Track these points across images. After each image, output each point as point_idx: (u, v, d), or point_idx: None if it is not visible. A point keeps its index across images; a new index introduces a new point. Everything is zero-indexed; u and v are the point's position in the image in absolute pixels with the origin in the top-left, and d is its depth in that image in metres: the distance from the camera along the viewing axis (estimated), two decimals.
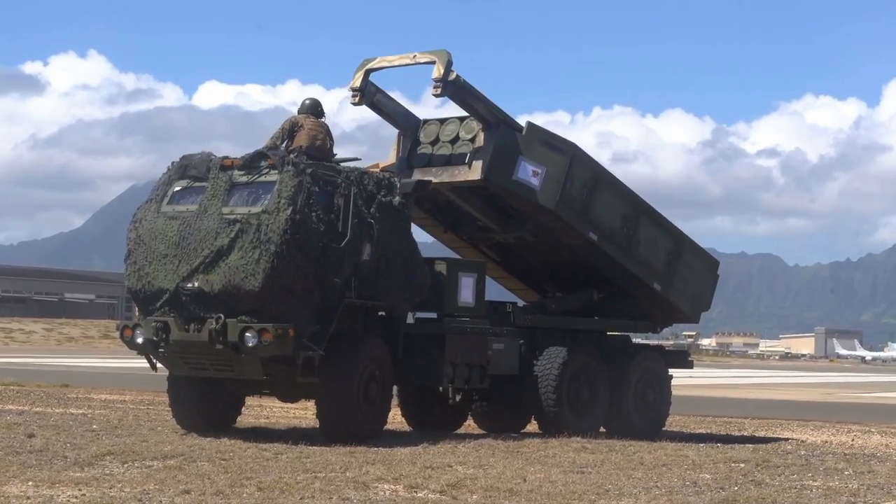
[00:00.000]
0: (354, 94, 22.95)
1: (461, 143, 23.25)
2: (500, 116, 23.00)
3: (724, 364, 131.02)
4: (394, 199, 21.20)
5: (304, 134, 21.25)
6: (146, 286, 20.29)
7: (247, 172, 20.32)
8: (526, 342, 23.45)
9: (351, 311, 20.68)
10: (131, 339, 20.72)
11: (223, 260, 19.61)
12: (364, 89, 22.95)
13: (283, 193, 19.68)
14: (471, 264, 23.11)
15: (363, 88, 22.94)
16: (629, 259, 24.37)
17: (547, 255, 25.07)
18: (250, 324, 19.52)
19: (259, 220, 19.57)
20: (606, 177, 24.34)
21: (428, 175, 23.13)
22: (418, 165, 23.47)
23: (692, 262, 25.63)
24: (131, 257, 20.56)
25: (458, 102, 22.79)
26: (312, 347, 19.85)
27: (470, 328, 22.71)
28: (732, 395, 47.76)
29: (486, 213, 24.13)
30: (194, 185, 20.60)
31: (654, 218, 24.97)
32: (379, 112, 23.65)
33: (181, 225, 20.13)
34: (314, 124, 21.47)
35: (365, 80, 22.96)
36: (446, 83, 22.21)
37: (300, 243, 19.58)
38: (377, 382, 20.79)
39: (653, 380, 24.73)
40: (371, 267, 20.74)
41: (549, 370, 22.93)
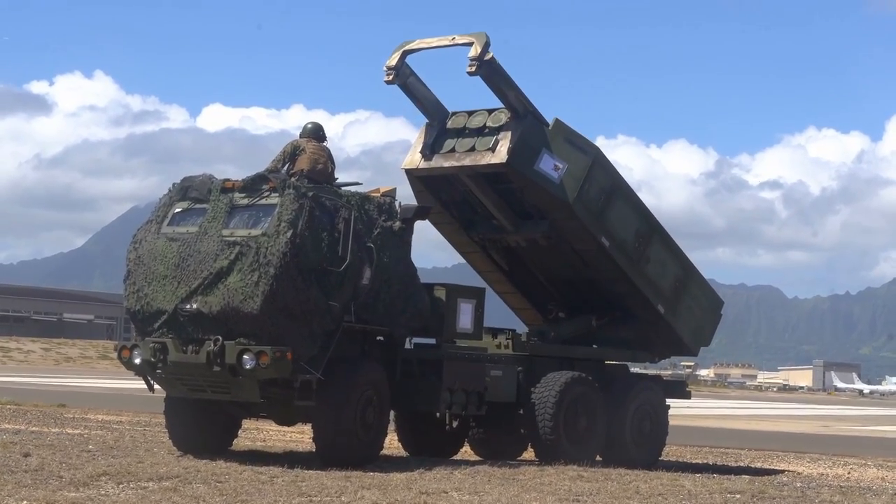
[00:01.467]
0: (389, 72, 23.03)
1: (488, 132, 23.35)
2: (528, 108, 23.23)
3: (722, 395, 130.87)
4: (394, 224, 21.22)
5: (306, 157, 21.29)
6: (145, 307, 20.29)
7: (248, 195, 20.33)
8: (524, 369, 23.43)
9: (349, 335, 20.67)
10: (129, 359, 20.70)
11: (222, 282, 19.61)
12: (399, 69, 23.06)
13: (284, 217, 19.69)
14: (470, 291, 23.10)
15: (398, 68, 23.04)
16: (637, 274, 24.36)
17: (555, 266, 25.05)
18: (248, 346, 19.50)
19: (259, 243, 19.57)
20: (625, 188, 24.43)
21: (451, 160, 23.38)
22: (442, 151, 23.64)
23: (698, 296, 25.65)
24: (130, 278, 20.56)
25: (490, 85, 22.90)
26: (310, 371, 19.83)
27: (468, 354, 22.71)
28: (729, 425, 47.72)
29: (501, 209, 24.12)
30: (195, 206, 20.61)
31: (666, 241, 25.01)
32: (410, 95, 23.69)
33: (181, 246, 20.14)
34: (316, 148, 21.50)
35: (401, 60, 23.09)
36: (482, 62, 22.38)
37: (300, 266, 19.58)
38: (374, 407, 20.77)
39: (650, 409, 24.70)
40: (370, 291, 20.74)
41: (547, 398, 22.90)
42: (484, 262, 25.30)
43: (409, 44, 23.19)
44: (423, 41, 23.26)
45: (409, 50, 23.13)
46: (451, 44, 23.00)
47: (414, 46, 23.16)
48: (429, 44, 23.19)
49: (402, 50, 23.10)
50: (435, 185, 24.15)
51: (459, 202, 24.45)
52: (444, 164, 23.54)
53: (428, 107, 23.88)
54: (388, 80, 23.06)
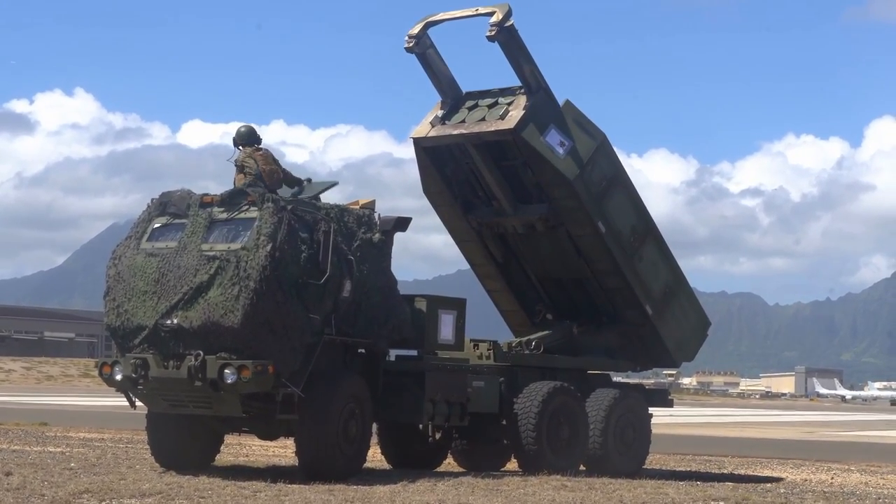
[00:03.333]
0: (409, 40, 23.47)
1: (499, 107, 23.74)
2: (542, 83, 23.61)
3: (705, 403, 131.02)
4: (374, 236, 21.20)
5: (257, 167, 21.19)
6: (125, 323, 20.22)
7: (227, 209, 20.30)
8: (506, 380, 23.42)
9: (331, 348, 20.63)
10: (110, 375, 20.63)
11: (202, 296, 19.56)
12: (420, 38, 23.51)
13: (263, 230, 19.65)
14: (451, 301, 23.07)
15: (419, 37, 23.50)
16: (630, 268, 24.43)
17: (548, 259, 25.14)
18: (229, 360, 19.45)
19: (239, 257, 19.52)
20: (626, 181, 24.60)
21: (459, 129, 23.71)
22: (452, 122, 23.98)
23: (686, 309, 25.69)
24: (110, 294, 20.50)
25: (507, 54, 23.32)
26: (292, 385, 19.79)
27: (450, 365, 22.69)
28: (713, 433, 47.76)
29: (502, 188, 24.29)
30: (174, 221, 20.57)
31: (660, 245, 25.11)
32: (426, 67, 24.07)
33: (160, 262, 20.09)
34: (260, 156, 21.37)
35: (423, 30, 23.55)
36: (502, 28, 22.82)
37: (280, 280, 19.54)
38: (357, 420, 20.72)
39: (633, 418, 24.68)
40: (351, 304, 20.70)
41: (529, 408, 22.88)
42: (479, 252, 25.38)
43: (433, 16, 23.70)
44: (447, 13, 23.76)
45: (433, 21, 23.69)
46: (475, 14, 23.42)
47: (437, 18, 23.70)
48: (452, 15, 23.69)
49: (426, 21, 23.59)
50: (440, 159, 24.42)
51: (462, 182, 24.66)
52: (452, 133, 23.89)
53: (443, 82, 24.26)
54: (408, 48, 23.52)
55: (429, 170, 24.42)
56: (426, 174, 24.51)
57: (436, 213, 25.20)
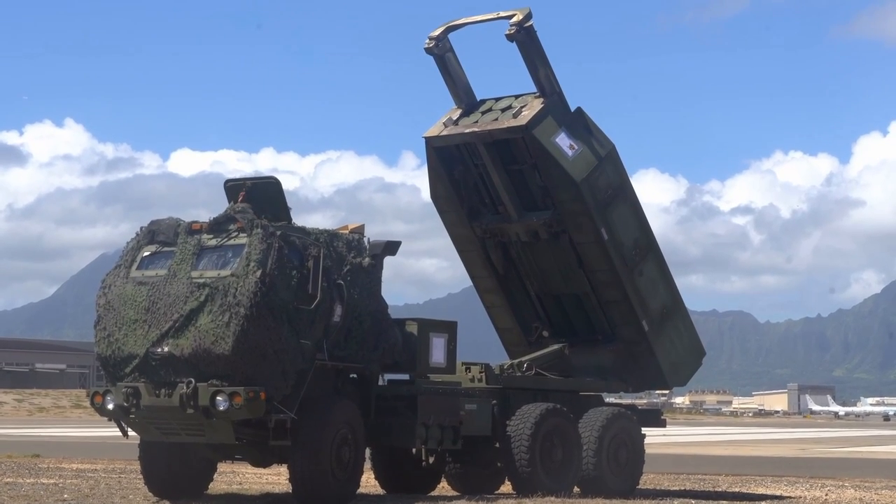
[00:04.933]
0: (430, 41, 23.89)
1: (512, 109, 24.06)
2: (556, 88, 23.99)
3: (698, 422, 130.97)
4: (364, 261, 21.18)
5: None
6: (116, 352, 20.17)
7: (215, 236, 20.28)
8: (498, 402, 23.38)
9: (322, 373, 20.61)
10: (102, 405, 20.58)
11: (193, 324, 19.53)
12: (440, 40, 23.90)
13: (253, 256, 19.63)
14: (442, 325, 23.05)
15: (439, 39, 23.91)
16: (629, 281, 24.50)
17: (548, 270, 25.20)
18: (221, 387, 19.41)
19: (228, 284, 19.50)
20: (631, 194, 24.78)
21: (472, 128, 24.00)
22: (465, 122, 24.24)
23: (682, 332, 25.72)
24: (101, 323, 20.46)
25: (525, 56, 23.74)
26: (284, 411, 19.75)
27: (442, 389, 22.66)
28: (706, 452, 47.73)
29: (509, 192, 24.44)
30: (163, 249, 20.54)
31: (660, 264, 25.20)
32: (444, 71, 24.43)
33: (150, 290, 20.06)
34: None
35: (444, 33, 23.98)
36: (521, 27, 23.31)
37: (270, 306, 19.52)
38: (350, 445, 20.68)
39: (626, 438, 24.63)
40: (342, 329, 20.69)
41: (522, 430, 22.84)
42: (480, 263, 25.44)
43: (455, 20, 24.08)
44: (469, 17, 24.16)
45: (454, 25, 24.12)
46: (496, 17, 23.80)
47: (459, 22, 24.11)
48: (473, 19, 24.09)
49: (447, 25, 24.00)
50: (450, 160, 24.60)
51: (470, 186, 24.82)
52: (464, 131, 24.12)
53: (459, 87, 24.58)
54: (428, 48, 23.93)
55: (438, 172, 24.61)
56: (435, 176, 24.69)
57: (441, 219, 25.34)
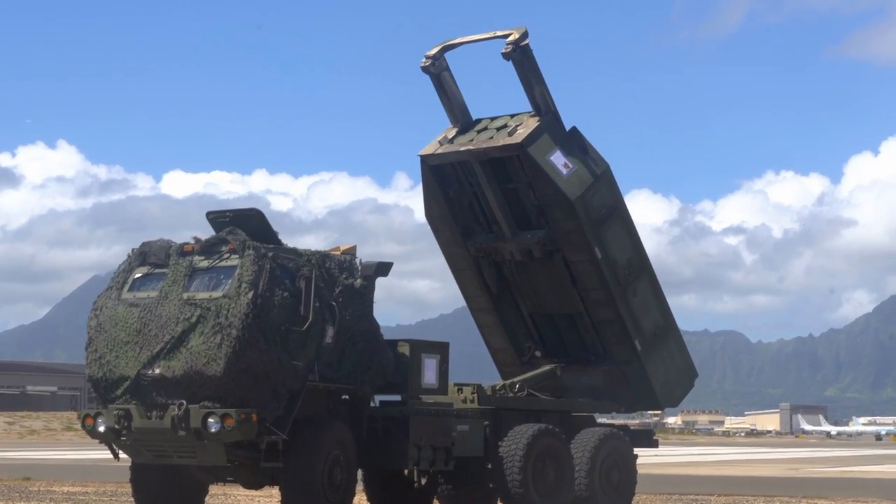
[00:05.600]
0: (426, 60, 24.01)
1: (508, 128, 24.10)
2: (551, 107, 24.06)
3: (690, 442, 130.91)
4: (355, 282, 21.18)
5: None
6: (107, 374, 20.12)
7: (207, 257, 20.27)
8: (491, 423, 23.36)
9: (314, 394, 20.58)
10: (93, 427, 20.52)
11: (185, 345, 19.51)
12: (436, 59, 24.02)
13: (244, 277, 19.62)
14: (434, 346, 23.04)
15: (436, 58, 24.02)
16: (623, 300, 24.54)
17: (541, 289, 25.20)
18: (213, 409, 19.38)
19: (220, 305, 19.49)
20: (625, 214, 24.84)
21: (467, 146, 24.03)
22: (460, 140, 24.30)
23: (675, 353, 25.74)
24: (92, 345, 20.42)
25: (520, 74, 23.82)
26: (276, 432, 19.72)
27: (434, 410, 22.63)
28: (699, 472, 47.71)
29: (503, 210, 24.49)
30: (155, 271, 20.52)
31: (654, 285, 25.25)
32: (440, 90, 24.52)
33: (142, 311, 20.04)
34: None
35: (440, 52, 24.09)
36: (517, 46, 23.40)
37: (262, 327, 19.50)
38: (341, 467, 20.64)
39: (618, 459, 24.62)
40: (334, 350, 20.66)
41: (515, 451, 22.82)
42: (473, 282, 25.46)
43: (451, 40, 24.20)
44: (465, 37, 24.26)
45: (451, 45, 24.23)
46: (493, 36, 23.91)
47: (455, 41, 24.21)
48: (470, 39, 24.20)
49: (444, 44, 24.10)
50: (445, 179, 24.66)
51: (465, 206, 24.88)
52: (459, 149, 24.19)
53: (455, 106, 24.68)
54: (424, 66, 24.04)
55: (433, 190, 24.65)
56: (430, 195, 24.74)
57: (435, 238, 25.37)
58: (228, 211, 21.27)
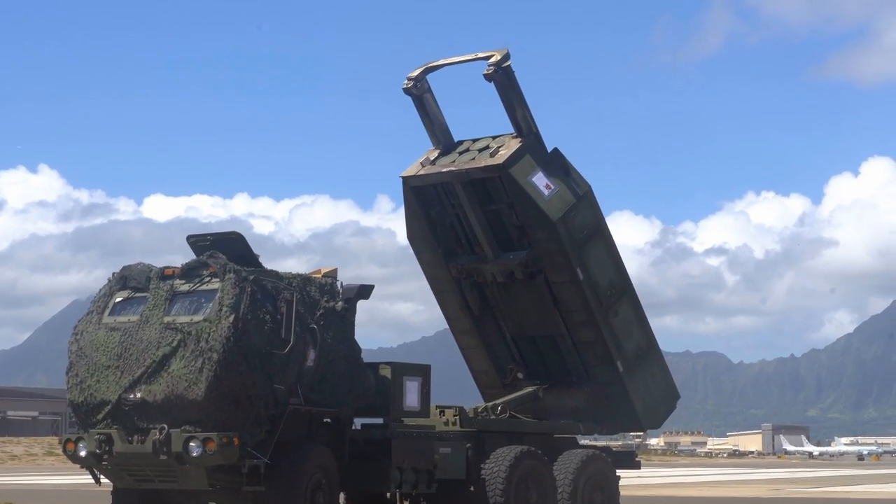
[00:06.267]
0: (408, 81, 24.02)
1: (489, 149, 24.11)
2: (533, 128, 24.07)
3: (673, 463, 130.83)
4: (336, 305, 21.17)
5: None
6: (88, 398, 20.10)
7: (188, 281, 20.26)
8: (473, 445, 23.35)
9: (296, 417, 20.55)
10: (74, 452, 20.49)
11: (166, 369, 19.49)
12: (418, 80, 24.04)
13: (225, 301, 19.62)
14: (415, 368, 23.04)
15: (418, 79, 24.04)
16: (604, 321, 24.56)
17: (523, 311, 25.21)
18: (194, 433, 19.35)
19: (201, 329, 19.47)
20: (607, 235, 24.88)
21: (449, 167, 24.02)
22: (442, 161, 24.33)
23: (657, 374, 25.78)
24: (73, 370, 20.39)
25: (502, 95, 23.83)
26: (258, 456, 19.69)
27: (416, 433, 22.62)
28: (681, 493, 47.68)
29: (485, 231, 24.50)
30: (135, 295, 20.52)
31: (636, 306, 25.29)
32: (422, 111, 24.56)
33: (122, 336, 20.02)
34: None
35: (423, 74, 24.12)
36: (499, 67, 23.39)
37: (243, 351, 19.49)
38: (324, 490, 20.63)
39: (601, 480, 24.62)
40: (315, 373, 20.65)
41: (497, 473, 22.81)
42: (455, 304, 25.46)
43: (434, 62, 24.21)
44: (447, 59, 24.30)
45: (433, 67, 24.27)
46: (474, 58, 23.93)
47: (437, 63, 24.23)
48: (452, 60, 24.23)
49: (426, 66, 24.12)
50: (427, 201, 24.66)
51: (447, 227, 24.88)
52: (441, 171, 24.19)
53: (437, 127, 24.71)
54: (406, 88, 24.05)
55: (415, 212, 24.66)
56: (412, 216, 24.74)
57: (417, 259, 25.36)
58: (209, 234, 21.25)
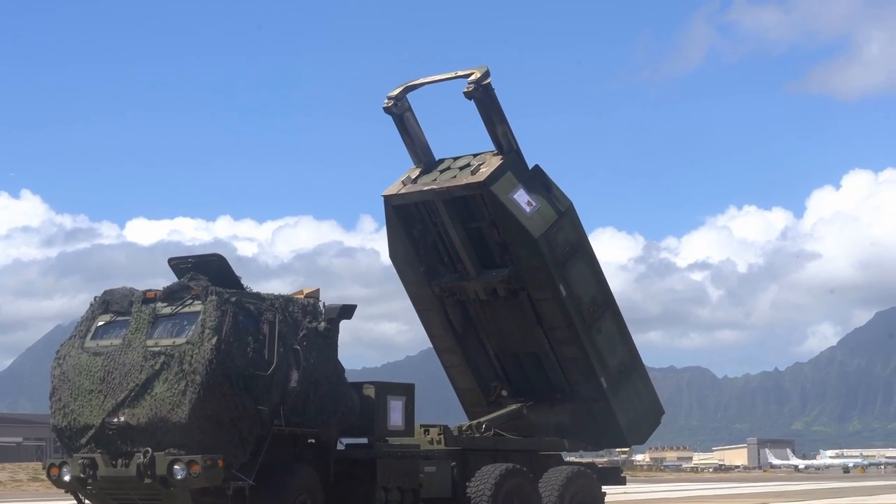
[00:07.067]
0: (388, 100, 24.02)
1: (470, 167, 24.14)
2: (514, 145, 24.10)
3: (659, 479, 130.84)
4: (319, 325, 21.15)
5: None
6: (72, 423, 20.06)
7: (170, 304, 20.25)
8: (458, 464, 23.35)
9: (280, 439, 20.52)
10: (58, 477, 20.45)
11: (149, 392, 19.46)
12: (398, 99, 24.05)
13: (208, 323, 19.59)
14: (399, 387, 23.03)
15: (398, 98, 24.05)
16: (588, 338, 24.58)
17: (506, 328, 25.23)
18: (178, 456, 19.32)
19: (184, 351, 19.45)
20: (589, 252, 24.89)
21: (430, 185, 24.05)
22: (424, 180, 24.37)
23: (641, 390, 25.81)
24: (56, 394, 20.36)
25: (482, 113, 23.84)
26: (242, 478, 19.66)
27: (401, 452, 22.60)
28: None
29: (467, 249, 24.53)
30: (117, 319, 20.50)
31: (619, 322, 25.31)
32: (402, 130, 24.55)
33: (105, 360, 19.99)
34: None
35: (403, 93, 24.12)
36: (479, 85, 23.38)
37: (226, 373, 19.46)
38: None
39: (586, 497, 24.64)
40: (299, 394, 20.62)
41: (482, 491, 22.81)
42: (438, 322, 25.48)
43: (413, 80, 24.20)
44: (427, 77, 24.29)
45: (413, 85, 24.31)
46: (454, 76, 23.95)
47: (417, 82, 24.24)
48: (432, 79, 24.25)
49: (406, 85, 24.11)
50: (409, 219, 24.67)
51: (429, 245, 24.89)
52: (423, 189, 24.19)
53: (417, 146, 24.72)
54: (386, 107, 24.05)
55: (397, 231, 24.69)
56: (394, 235, 24.77)
57: (400, 279, 25.37)
58: (190, 257, 21.24)
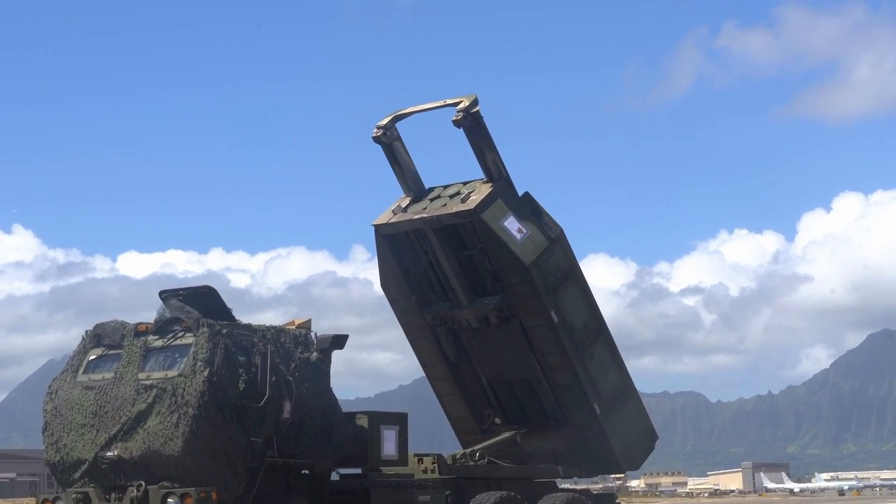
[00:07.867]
0: (377, 130, 23.97)
1: (460, 195, 24.14)
2: (503, 173, 24.08)
3: None
4: (311, 355, 21.14)
5: None
6: (65, 457, 20.02)
7: (161, 337, 20.22)
8: (452, 492, 23.31)
9: (274, 470, 20.48)
10: None
11: (141, 426, 19.43)
12: (387, 129, 24.00)
13: (199, 355, 19.57)
14: (393, 416, 22.99)
15: (387, 127, 24.00)
16: (580, 364, 24.57)
17: (499, 356, 25.19)
18: (172, 489, 19.28)
19: (176, 384, 19.42)
20: (580, 278, 24.89)
21: (420, 214, 24.02)
22: (414, 209, 24.34)
23: (634, 416, 25.80)
24: (49, 429, 20.33)
25: (471, 141, 23.84)
26: None
27: (395, 481, 22.56)
28: None
29: (458, 277, 24.50)
30: (109, 352, 20.47)
31: (611, 347, 25.32)
32: (392, 160, 24.47)
33: (97, 394, 19.96)
34: None
35: (392, 122, 24.08)
36: (468, 113, 23.37)
37: (219, 405, 19.43)
38: None
39: None
40: (292, 425, 20.59)
41: None
42: (431, 351, 25.45)
43: (402, 109, 24.17)
44: (416, 106, 24.26)
45: (402, 114, 24.27)
46: (443, 105, 23.94)
47: (406, 111, 24.20)
48: (421, 108, 24.22)
49: (395, 114, 24.08)
50: (400, 248, 24.64)
51: (420, 274, 24.84)
52: (413, 218, 24.18)
53: (407, 175, 24.67)
54: (376, 137, 23.99)
55: (388, 260, 24.67)
56: (385, 264, 24.74)
57: (391, 308, 25.35)
58: (181, 289, 21.22)
